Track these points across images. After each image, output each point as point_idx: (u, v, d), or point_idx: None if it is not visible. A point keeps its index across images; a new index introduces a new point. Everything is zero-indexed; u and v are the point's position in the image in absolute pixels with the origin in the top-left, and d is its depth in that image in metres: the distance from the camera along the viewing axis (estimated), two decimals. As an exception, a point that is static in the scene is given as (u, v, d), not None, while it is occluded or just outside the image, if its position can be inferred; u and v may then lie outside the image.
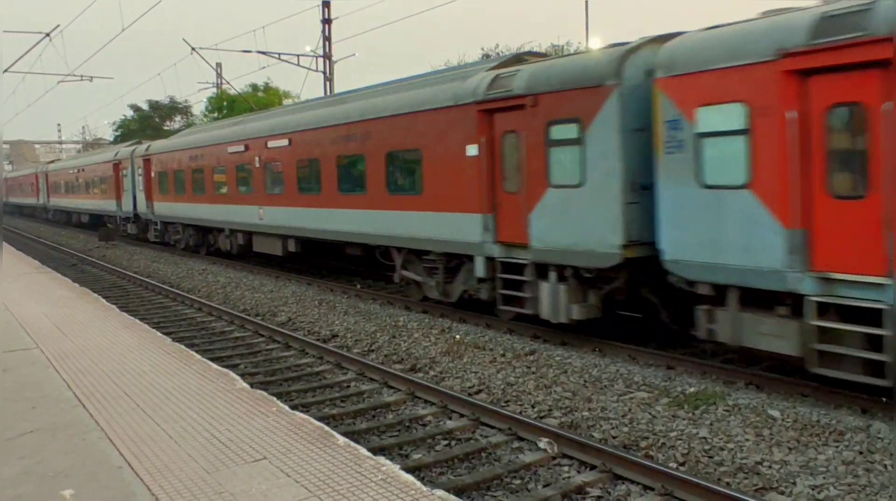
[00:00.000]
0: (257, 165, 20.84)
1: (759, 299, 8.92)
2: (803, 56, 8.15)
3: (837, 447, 7.16)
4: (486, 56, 39.13)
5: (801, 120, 8.25)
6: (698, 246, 9.37)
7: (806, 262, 8.30)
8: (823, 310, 8.18)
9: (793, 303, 8.52)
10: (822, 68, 8.05)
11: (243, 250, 23.17)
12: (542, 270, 11.68)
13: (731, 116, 8.93)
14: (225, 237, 24.12)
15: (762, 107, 8.57)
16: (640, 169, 10.28)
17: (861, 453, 6.98)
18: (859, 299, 7.84)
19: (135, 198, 31.44)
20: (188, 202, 26.10)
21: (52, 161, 66.69)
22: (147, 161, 29.86)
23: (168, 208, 28.22)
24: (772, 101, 8.46)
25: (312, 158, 17.96)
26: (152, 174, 29.37)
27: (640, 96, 10.26)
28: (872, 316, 7.70)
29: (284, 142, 19.30)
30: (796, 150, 8.30)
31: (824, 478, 6.62)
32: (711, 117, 9.16)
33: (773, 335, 8.73)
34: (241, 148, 21.78)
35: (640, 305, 11.56)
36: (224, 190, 23.25)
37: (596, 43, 31.51)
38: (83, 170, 41.33)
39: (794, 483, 6.61)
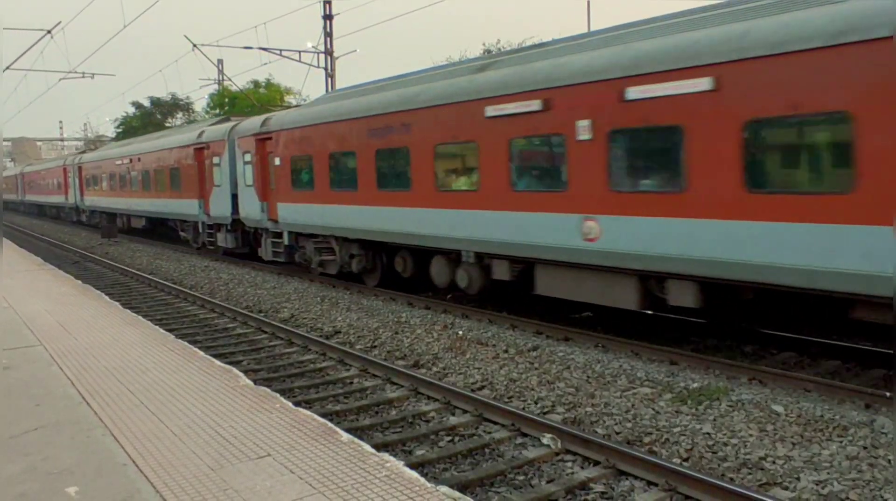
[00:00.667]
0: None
1: None
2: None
3: (841, 442, 7.16)
4: (488, 51, 39.08)
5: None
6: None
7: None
8: None
9: None
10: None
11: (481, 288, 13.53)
12: None
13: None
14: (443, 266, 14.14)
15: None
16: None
17: (865, 448, 6.98)
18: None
19: (235, 197, 22.14)
20: (352, 204, 16.35)
21: (83, 151, 52.89)
22: (262, 142, 20.25)
23: (304, 213, 18.35)
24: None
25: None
26: (276, 161, 19.38)
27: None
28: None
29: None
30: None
31: (828, 473, 6.62)
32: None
33: None
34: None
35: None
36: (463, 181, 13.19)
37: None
38: (138, 159, 31.16)
39: (798, 479, 6.61)
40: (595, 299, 11.10)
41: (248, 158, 21.01)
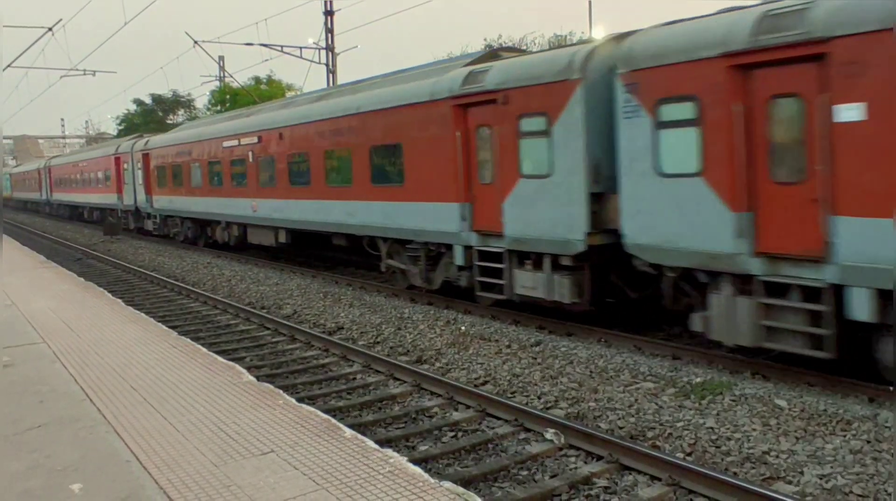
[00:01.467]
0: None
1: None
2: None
3: (845, 436, 7.15)
4: (489, 47, 39.04)
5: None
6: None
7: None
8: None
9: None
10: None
11: None
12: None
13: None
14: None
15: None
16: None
17: (868, 442, 6.97)
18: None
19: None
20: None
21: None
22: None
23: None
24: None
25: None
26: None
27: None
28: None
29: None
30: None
31: (832, 467, 6.61)
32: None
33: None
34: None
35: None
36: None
37: (599, 32, 31.42)
38: (279, 135, 34.42)
39: (802, 473, 6.60)
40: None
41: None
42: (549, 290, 11.48)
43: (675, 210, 9.54)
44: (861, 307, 7.76)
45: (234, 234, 23.87)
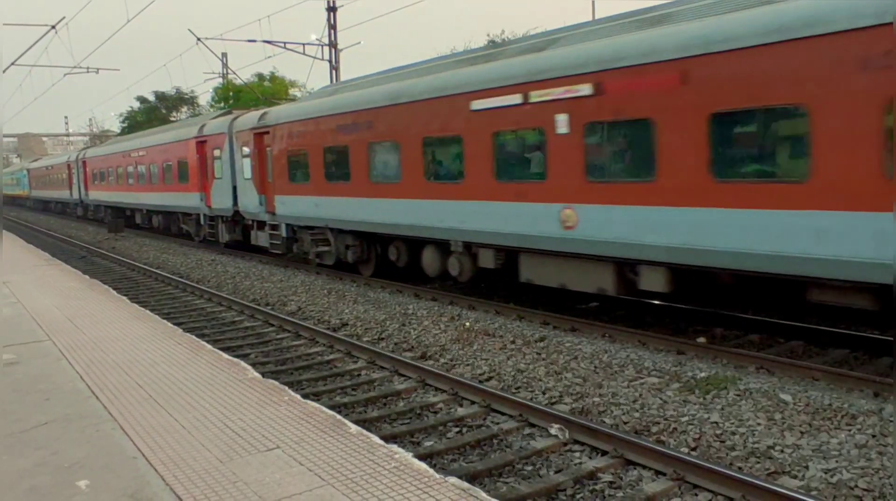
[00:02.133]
0: None
1: None
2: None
3: (850, 430, 7.14)
4: (492, 42, 38.94)
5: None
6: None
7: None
8: None
9: None
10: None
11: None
12: None
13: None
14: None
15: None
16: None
17: (874, 436, 6.96)
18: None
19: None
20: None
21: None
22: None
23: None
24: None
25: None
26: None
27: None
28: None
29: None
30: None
31: (837, 462, 6.61)
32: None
33: None
34: None
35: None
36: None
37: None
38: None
39: (807, 467, 6.60)
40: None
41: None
42: None
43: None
44: None
45: (463, 262, 13.82)
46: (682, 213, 9.49)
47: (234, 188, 22.51)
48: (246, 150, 21.51)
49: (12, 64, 29.74)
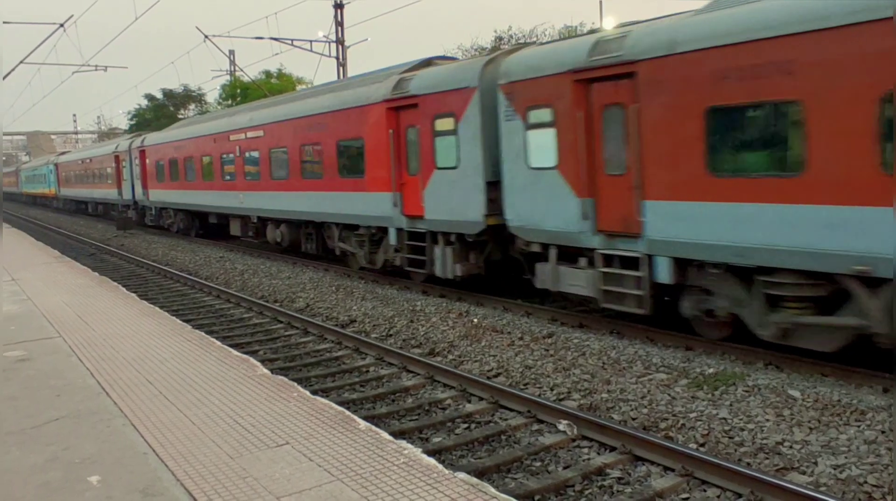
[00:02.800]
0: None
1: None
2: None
3: (859, 426, 7.13)
4: (499, 38, 38.95)
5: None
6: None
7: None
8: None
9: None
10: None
11: None
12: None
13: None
14: None
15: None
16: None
17: (883, 432, 6.95)
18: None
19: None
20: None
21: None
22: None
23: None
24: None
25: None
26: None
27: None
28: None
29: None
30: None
31: (846, 458, 6.60)
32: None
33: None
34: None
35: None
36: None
37: (610, 23, 31.26)
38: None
39: (816, 463, 6.59)
40: None
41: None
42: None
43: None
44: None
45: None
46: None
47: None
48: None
49: (21, 62, 29.85)
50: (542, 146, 11.55)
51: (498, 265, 13.88)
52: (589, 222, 10.90)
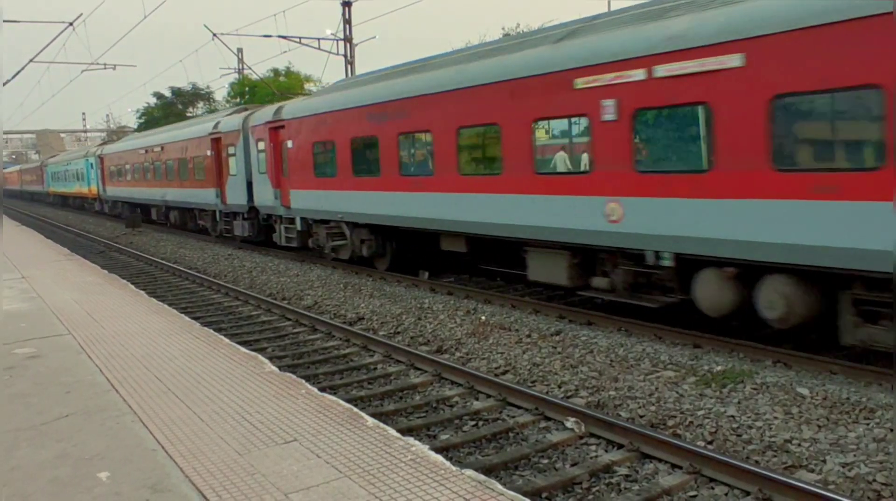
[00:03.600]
0: None
1: None
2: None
3: (868, 424, 7.11)
4: (507, 35, 38.88)
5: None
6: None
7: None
8: None
9: None
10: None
11: None
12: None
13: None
14: None
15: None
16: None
17: (892, 430, 6.92)
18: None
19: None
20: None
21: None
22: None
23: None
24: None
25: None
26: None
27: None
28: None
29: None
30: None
31: (855, 456, 6.58)
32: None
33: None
34: None
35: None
36: None
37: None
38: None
39: (824, 461, 6.57)
40: None
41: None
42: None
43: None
44: None
45: None
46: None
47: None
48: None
49: (31, 61, 29.95)
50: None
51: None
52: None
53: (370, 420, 6.24)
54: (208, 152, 25.29)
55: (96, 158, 44.42)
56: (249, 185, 22.54)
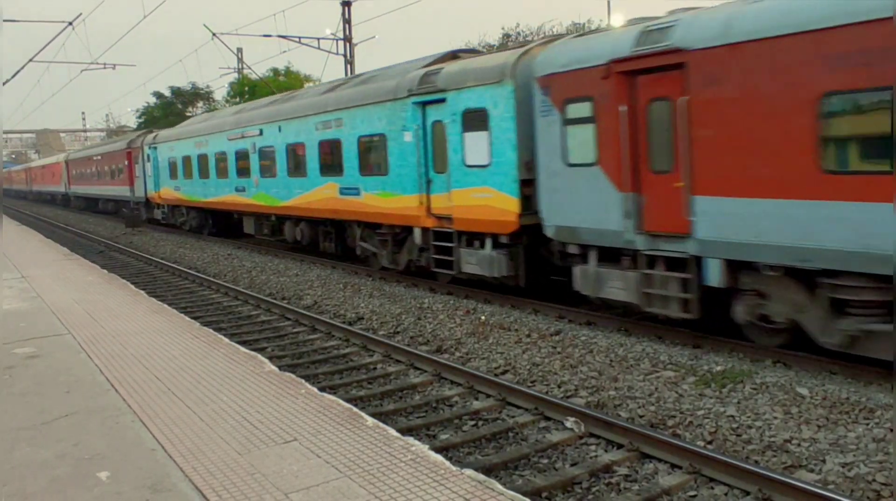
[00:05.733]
0: None
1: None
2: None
3: (868, 424, 7.11)
4: (507, 36, 38.95)
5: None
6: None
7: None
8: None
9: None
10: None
11: None
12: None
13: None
14: None
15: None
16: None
17: (892, 430, 6.93)
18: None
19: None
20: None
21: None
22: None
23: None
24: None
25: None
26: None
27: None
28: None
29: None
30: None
31: (854, 456, 6.58)
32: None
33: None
34: None
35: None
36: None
37: (618, 20, 31.18)
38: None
39: (824, 461, 6.58)
40: None
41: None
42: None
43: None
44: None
45: None
46: None
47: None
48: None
49: (30, 60, 29.97)
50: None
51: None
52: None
53: (370, 420, 6.24)
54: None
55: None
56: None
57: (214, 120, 27.05)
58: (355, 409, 6.58)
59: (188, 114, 59.43)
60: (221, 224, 28.67)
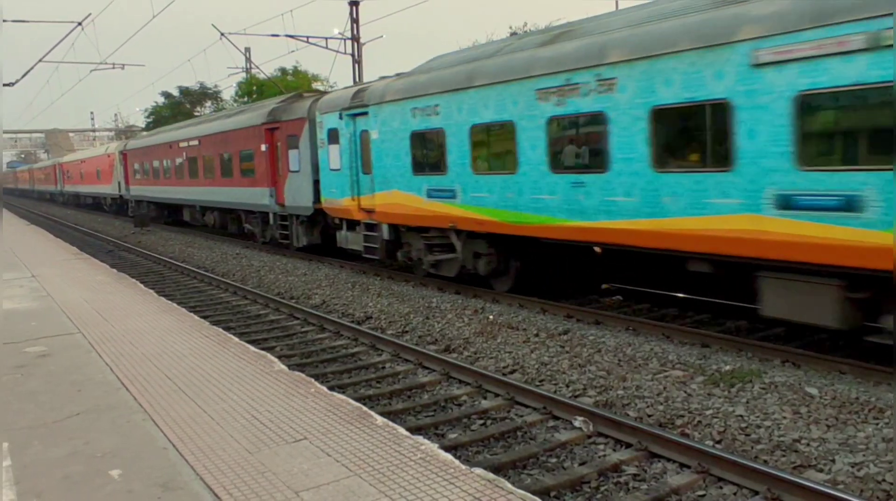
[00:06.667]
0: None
1: None
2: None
3: (877, 424, 7.10)
4: (514, 34, 38.90)
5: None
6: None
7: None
8: None
9: None
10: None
11: None
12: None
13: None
14: None
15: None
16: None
17: (893, 429, 6.92)
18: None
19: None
20: None
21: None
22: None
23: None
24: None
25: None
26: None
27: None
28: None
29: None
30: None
31: (864, 455, 6.57)
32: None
33: None
34: None
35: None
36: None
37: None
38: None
39: (833, 461, 6.57)
40: None
41: None
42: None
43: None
44: None
45: None
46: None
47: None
48: None
49: (40, 61, 30.06)
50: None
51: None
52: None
53: (379, 419, 6.27)
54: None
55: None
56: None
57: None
58: (364, 408, 6.60)
59: (196, 113, 59.59)
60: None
